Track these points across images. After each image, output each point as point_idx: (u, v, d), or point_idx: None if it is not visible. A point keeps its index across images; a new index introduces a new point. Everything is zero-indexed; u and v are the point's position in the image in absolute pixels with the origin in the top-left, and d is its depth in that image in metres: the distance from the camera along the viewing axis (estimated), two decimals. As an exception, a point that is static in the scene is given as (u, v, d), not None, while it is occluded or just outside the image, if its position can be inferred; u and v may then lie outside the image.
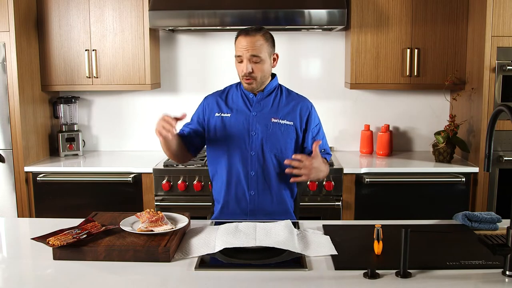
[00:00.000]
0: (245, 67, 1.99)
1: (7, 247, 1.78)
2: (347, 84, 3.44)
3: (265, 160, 2.05)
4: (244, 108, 2.08)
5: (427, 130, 3.60)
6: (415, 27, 3.22)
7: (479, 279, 1.46)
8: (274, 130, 2.05)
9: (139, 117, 3.69)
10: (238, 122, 2.06)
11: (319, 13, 3.02)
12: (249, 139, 2.05)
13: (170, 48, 3.62)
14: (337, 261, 1.55)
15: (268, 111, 2.08)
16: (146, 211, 1.79)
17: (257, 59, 1.99)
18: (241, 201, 2.08)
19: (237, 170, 2.06)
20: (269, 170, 2.06)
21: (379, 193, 3.06)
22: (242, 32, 2.02)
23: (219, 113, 2.09)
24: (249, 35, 1.99)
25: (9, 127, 3.11)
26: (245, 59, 1.99)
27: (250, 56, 1.98)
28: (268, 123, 2.05)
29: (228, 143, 2.06)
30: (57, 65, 3.33)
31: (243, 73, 2.01)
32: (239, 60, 2.02)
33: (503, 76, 2.96)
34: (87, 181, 3.13)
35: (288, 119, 2.08)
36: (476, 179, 3.06)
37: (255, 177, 2.06)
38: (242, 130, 2.05)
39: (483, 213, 1.88)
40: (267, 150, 2.05)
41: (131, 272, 1.51)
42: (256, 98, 2.09)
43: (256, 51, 1.98)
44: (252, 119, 2.06)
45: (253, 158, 2.05)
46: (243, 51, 1.99)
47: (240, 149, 2.05)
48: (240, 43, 2.00)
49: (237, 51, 2.02)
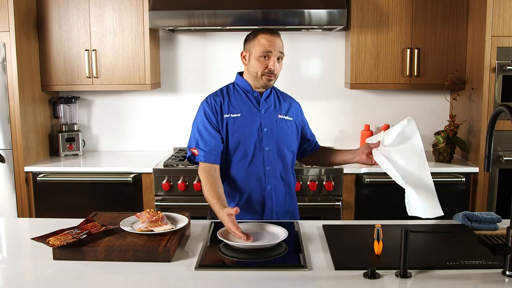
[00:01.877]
0: (273, 64, 2.03)
1: (7, 247, 1.78)
2: (347, 84, 3.44)
3: (278, 154, 2.11)
4: (252, 106, 2.11)
5: (427, 130, 3.59)
6: (415, 27, 3.22)
7: (479, 279, 1.46)
8: (282, 126, 2.13)
9: (139, 117, 3.69)
10: (250, 121, 2.09)
11: (319, 13, 3.02)
12: (263, 135, 2.08)
13: (170, 48, 3.62)
14: (337, 261, 1.55)
15: (273, 108, 2.14)
16: (146, 211, 1.79)
17: (281, 56, 2.07)
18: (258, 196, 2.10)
19: (255, 166, 2.08)
20: (283, 163, 2.13)
21: (379, 193, 3.06)
22: (267, 31, 2.06)
23: (228, 114, 2.09)
24: (275, 34, 2.06)
25: (9, 127, 3.11)
26: (273, 56, 2.03)
27: (279, 53, 2.05)
28: (277, 119, 2.13)
29: (243, 141, 2.07)
30: (57, 65, 3.33)
31: (267, 70, 2.03)
32: (265, 56, 2.03)
33: (503, 76, 2.96)
34: (87, 181, 3.13)
35: (289, 115, 2.17)
36: (476, 179, 3.06)
37: (271, 171, 2.10)
38: (255, 127, 2.08)
39: (483, 213, 1.88)
40: (281, 145, 2.11)
41: (131, 272, 1.51)
42: (262, 97, 2.13)
43: (282, 49, 2.07)
44: (262, 116, 2.10)
45: (269, 154, 2.09)
46: (273, 48, 2.03)
47: (255, 146, 2.08)
48: (267, 40, 2.03)
49: (264, 47, 2.02)
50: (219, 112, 2.09)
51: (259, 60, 2.04)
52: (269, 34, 2.05)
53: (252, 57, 2.06)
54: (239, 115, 2.09)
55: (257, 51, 2.04)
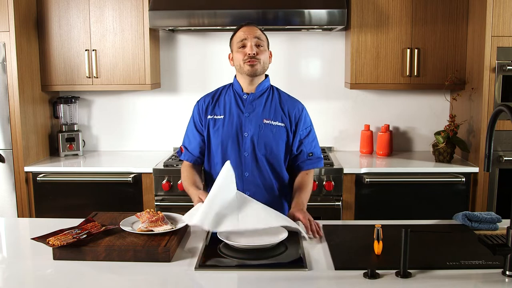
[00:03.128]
0: (249, 49, 2.00)
1: (7, 247, 1.78)
2: (347, 84, 3.44)
3: (257, 161, 2.05)
4: (237, 109, 2.08)
5: (427, 130, 3.60)
6: (415, 27, 3.22)
7: (479, 279, 1.46)
8: (265, 131, 2.05)
9: (139, 117, 3.69)
10: (231, 124, 2.06)
11: (319, 13, 3.02)
12: (242, 140, 2.05)
13: (170, 48, 3.62)
14: (337, 261, 1.55)
15: (260, 112, 2.07)
16: (146, 211, 1.79)
17: (260, 42, 2.02)
18: None
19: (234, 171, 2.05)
20: (262, 171, 2.06)
21: (379, 193, 3.06)
22: (243, 25, 2.07)
23: (212, 115, 2.09)
24: (250, 25, 2.06)
25: (9, 127, 3.11)
26: (249, 41, 2.01)
27: (254, 39, 2.01)
28: (260, 123, 2.06)
29: (222, 144, 2.06)
30: (57, 65, 3.33)
31: (247, 56, 2.00)
32: (242, 45, 2.02)
33: (503, 76, 2.96)
34: (87, 181, 3.13)
35: (280, 120, 2.08)
36: (476, 179, 3.06)
37: (249, 177, 2.06)
38: (235, 131, 2.05)
39: (483, 213, 1.88)
40: (258, 151, 2.05)
41: (131, 272, 1.51)
42: (248, 99, 2.08)
43: (259, 36, 2.04)
44: (245, 120, 2.06)
45: (246, 159, 2.05)
46: (247, 35, 2.01)
47: (234, 150, 2.05)
48: (243, 31, 2.04)
49: (239, 37, 2.03)
50: (204, 113, 2.11)
51: (238, 51, 2.04)
52: (244, 26, 2.06)
53: (234, 53, 2.07)
54: (222, 117, 2.07)
55: (236, 45, 2.05)
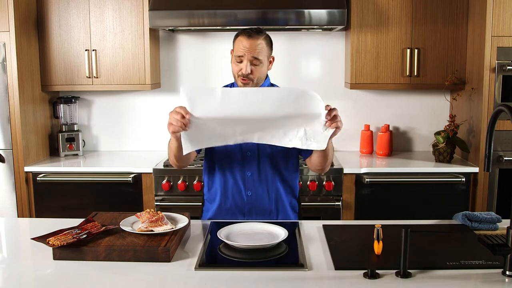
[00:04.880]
0: (245, 68, 1.97)
1: (7, 247, 1.78)
2: (347, 84, 3.44)
3: (260, 160, 2.05)
4: None
5: (427, 130, 3.60)
6: (415, 27, 3.22)
7: (479, 279, 1.46)
8: None
9: (139, 117, 3.69)
10: None
11: (319, 13, 3.02)
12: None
13: (170, 48, 3.62)
14: (337, 261, 1.55)
15: None
16: (146, 211, 1.79)
17: (257, 61, 1.98)
18: (237, 201, 2.08)
19: (233, 171, 2.06)
20: (266, 170, 2.06)
21: (379, 193, 3.06)
22: (245, 33, 2.00)
23: None
24: (252, 37, 1.97)
25: (9, 127, 3.11)
26: (245, 59, 1.97)
27: (251, 58, 1.97)
28: None
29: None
30: (57, 65, 3.33)
31: (241, 74, 1.99)
32: (239, 60, 2.00)
33: (503, 76, 2.96)
34: (87, 181, 3.13)
35: None
36: (476, 179, 3.06)
37: (251, 177, 2.06)
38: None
39: (483, 213, 1.88)
40: (261, 150, 2.04)
41: (131, 272, 1.51)
42: None
43: (258, 54, 1.97)
44: None
45: (249, 159, 2.05)
46: (245, 52, 1.97)
47: (235, 149, 2.05)
48: (242, 43, 1.98)
49: (237, 51, 2.00)
50: None
51: (234, 62, 2.02)
52: (246, 37, 1.98)
53: (232, 58, 2.06)
54: None
55: (234, 54, 2.03)
